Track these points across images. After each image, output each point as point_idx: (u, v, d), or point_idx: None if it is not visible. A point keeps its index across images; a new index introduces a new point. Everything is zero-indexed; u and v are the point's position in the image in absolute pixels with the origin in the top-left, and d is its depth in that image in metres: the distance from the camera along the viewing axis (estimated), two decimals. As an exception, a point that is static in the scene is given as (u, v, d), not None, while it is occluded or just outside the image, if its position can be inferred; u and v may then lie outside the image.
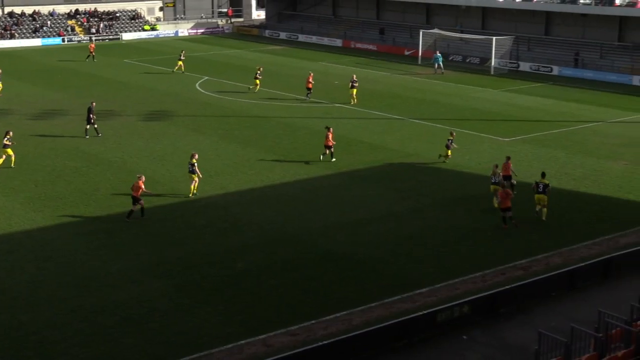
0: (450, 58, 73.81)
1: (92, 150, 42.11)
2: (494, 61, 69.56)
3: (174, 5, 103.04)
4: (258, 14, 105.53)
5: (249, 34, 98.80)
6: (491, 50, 69.33)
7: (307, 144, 43.12)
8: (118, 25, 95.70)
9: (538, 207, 31.71)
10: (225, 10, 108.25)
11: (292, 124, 48.08)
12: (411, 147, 42.72)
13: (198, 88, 60.64)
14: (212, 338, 21.89)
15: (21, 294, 24.81)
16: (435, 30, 75.29)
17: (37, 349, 21.43)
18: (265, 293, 24.86)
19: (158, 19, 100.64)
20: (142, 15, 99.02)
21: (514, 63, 70.44)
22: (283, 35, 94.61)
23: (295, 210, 32.70)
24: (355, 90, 54.31)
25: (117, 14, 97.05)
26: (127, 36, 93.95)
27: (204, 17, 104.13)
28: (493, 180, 33.31)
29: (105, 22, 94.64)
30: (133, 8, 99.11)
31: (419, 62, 72.93)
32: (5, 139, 38.89)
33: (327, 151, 39.99)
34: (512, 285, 24.23)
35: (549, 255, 27.83)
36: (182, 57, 67.95)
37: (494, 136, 44.96)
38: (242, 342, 21.65)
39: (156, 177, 37.01)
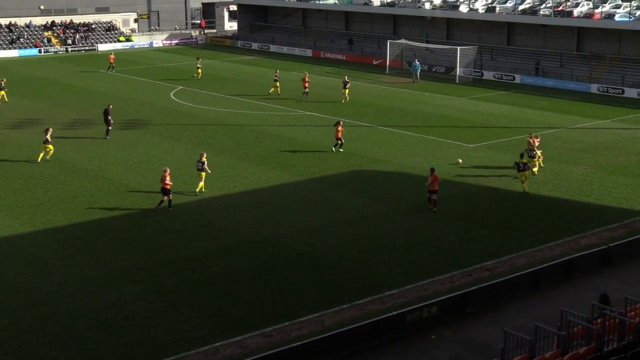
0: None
1: (69, 158, 41.76)
2: (459, 70, 70.00)
3: (148, 17, 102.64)
4: (230, 25, 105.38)
5: (221, 44, 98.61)
6: (456, 59, 69.79)
7: (279, 151, 43.07)
8: (94, 37, 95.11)
9: (522, 181, 35.56)
10: (199, 21, 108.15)
11: (265, 132, 48.02)
12: (380, 154, 42.82)
13: (173, 97, 60.39)
14: (188, 340, 21.76)
15: (0, 299, 24.49)
16: (402, 41, 75.66)
17: (17, 353, 21.17)
18: (240, 295, 24.77)
19: (133, 31, 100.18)
20: (118, 27, 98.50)
21: (478, 72, 70.91)
22: (255, 45, 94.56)
23: (268, 215, 32.64)
24: (347, 90, 57.56)
25: (93, 26, 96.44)
26: (102, 47, 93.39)
27: (177, 28, 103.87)
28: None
29: (81, 34, 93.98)
30: (108, 20, 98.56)
31: (387, 71, 73.20)
32: (47, 135, 41.04)
33: (338, 142, 42.58)
34: (479, 286, 24.35)
35: (514, 256, 28.01)
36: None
37: (459, 142, 45.20)
38: (218, 344, 21.55)
39: (131, 184, 36.79)
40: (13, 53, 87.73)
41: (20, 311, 23.68)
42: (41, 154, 41.16)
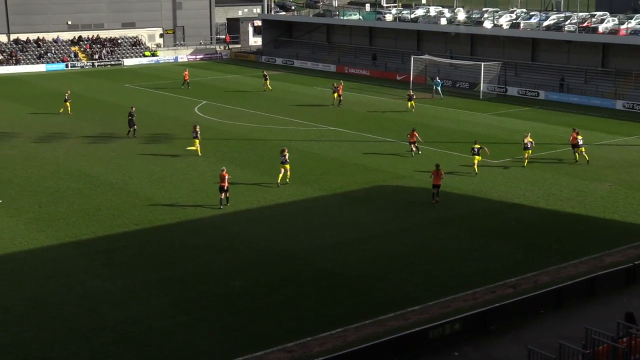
0: (442, 82, 73.94)
1: (94, 172, 42.02)
2: (483, 86, 69.75)
3: (174, 32, 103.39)
4: (255, 41, 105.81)
5: (246, 59, 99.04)
6: (480, 75, 69.55)
7: (303, 166, 43.07)
8: (120, 52, 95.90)
9: (474, 166, 41.20)
10: (223, 37, 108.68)
11: (289, 147, 47.82)
12: (403, 169, 42.71)
13: (197, 112, 60.65)
14: (209, 355, 21.73)
15: (24, 312, 24.63)
16: (426, 56, 75.56)
17: (38, 365, 21.27)
18: (261, 310, 24.72)
19: (158, 45, 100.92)
20: (143, 42, 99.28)
21: (502, 88, 70.61)
22: (279, 60, 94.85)
23: (291, 230, 32.60)
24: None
25: (119, 41, 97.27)
26: (128, 62, 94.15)
27: (202, 43, 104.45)
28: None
29: (108, 49, 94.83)
30: (134, 35, 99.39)
31: (411, 86, 73.06)
32: (195, 132, 45.51)
33: (414, 147, 45.32)
34: (502, 303, 24.13)
35: (537, 273, 27.76)
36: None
37: (483, 158, 44.93)
38: (240, 358, 21.49)
39: (155, 198, 36.93)
40: (40, 68, 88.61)
41: (44, 324, 23.79)
42: (192, 147, 45.52)
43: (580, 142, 44.09)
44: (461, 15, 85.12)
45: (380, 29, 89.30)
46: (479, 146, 42.05)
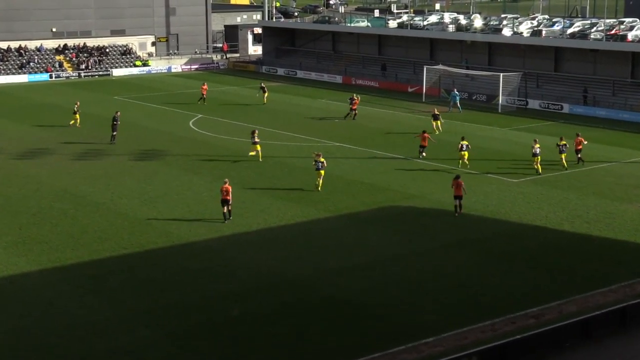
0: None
1: (80, 191, 42.10)
2: (502, 98, 69.83)
3: (167, 40, 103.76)
4: (255, 49, 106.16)
5: (245, 69, 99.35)
6: (498, 87, 69.64)
7: (307, 185, 43.10)
8: (108, 61, 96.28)
9: (460, 162, 46.12)
10: (221, 45, 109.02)
11: (291, 164, 48.15)
12: (414, 188, 42.73)
13: (192, 126, 60.83)
14: (205, 390, 21.67)
15: (4, 343, 24.60)
16: (440, 67, 75.68)
17: (19, 401, 21.21)
18: (261, 341, 24.68)
19: (150, 55, 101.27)
20: (134, 51, 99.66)
21: (523, 100, 70.71)
22: (281, 71, 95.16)
23: (293, 254, 32.60)
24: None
25: (108, 49, 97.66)
26: (117, 72, 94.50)
27: (198, 52, 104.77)
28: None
29: (95, 58, 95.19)
30: (124, 43, 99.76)
31: (423, 99, 73.22)
32: (254, 137, 48.52)
33: (423, 150, 48.65)
34: (524, 335, 24.04)
35: (562, 302, 27.68)
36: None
37: (502, 177, 44.99)
38: (237, 394, 21.44)
39: (147, 220, 36.97)
40: (22, 78, 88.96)
41: (26, 357, 23.74)
42: (253, 152, 48.28)
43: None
44: (478, 22, 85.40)
45: (390, 36, 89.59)
46: (466, 142, 46.52)
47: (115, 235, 34.85)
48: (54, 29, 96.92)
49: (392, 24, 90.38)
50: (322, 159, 42.07)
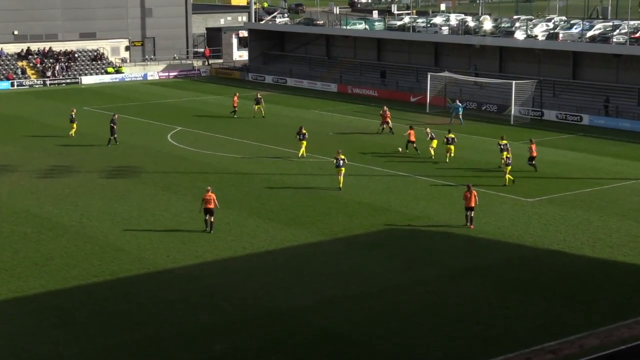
0: (463, 105, 74.17)
1: (44, 212, 42.04)
2: (514, 109, 70.04)
3: (142, 45, 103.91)
4: (240, 55, 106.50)
5: (229, 77, 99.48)
6: (510, 96, 69.84)
7: (298, 205, 43.12)
8: (77, 67, 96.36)
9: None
10: (202, 50, 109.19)
11: (281, 182, 48.18)
12: (418, 209, 42.77)
13: (170, 140, 60.86)
14: None
15: (-42, 383, 24.52)
16: (446, 74, 75.89)
17: None
18: (248, 381, 24.62)
19: (124, 60, 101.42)
20: (105, 56, 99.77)
21: (537, 111, 70.93)
22: (269, 78, 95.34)
23: (283, 283, 32.56)
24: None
25: (76, 55, 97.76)
26: (87, 80, 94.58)
27: (177, 57, 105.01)
28: None
29: (62, 64, 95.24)
30: (95, 47, 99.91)
31: (427, 109, 73.39)
32: (302, 134, 53.46)
33: (409, 146, 54.15)
34: (540, 372, 24.06)
35: (583, 335, 27.68)
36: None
37: (515, 196, 45.07)
38: None
39: (119, 244, 36.93)
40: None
41: (-18, 397, 23.67)
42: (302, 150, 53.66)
43: (509, 162, 47.81)
44: (488, 24, 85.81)
45: (391, 40, 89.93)
46: (452, 136, 52.38)
47: (84, 261, 34.78)
48: (15, 32, 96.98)
49: (393, 26, 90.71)
50: (342, 156, 45.81)
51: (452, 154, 52.67)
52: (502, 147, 50.42)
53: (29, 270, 33.82)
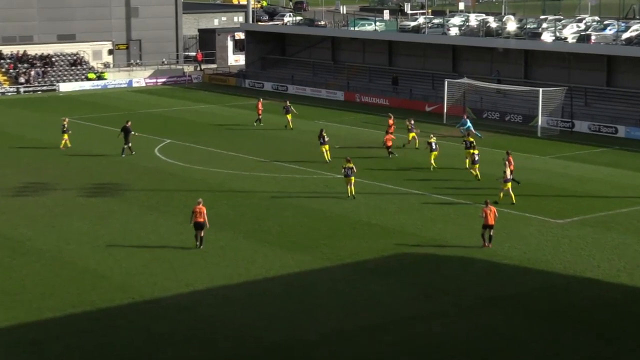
0: (485, 115, 74.26)
1: (17, 235, 42.01)
2: (541, 119, 70.03)
3: (127, 48, 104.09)
4: (236, 59, 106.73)
5: (223, 84, 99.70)
6: (537, 105, 69.85)
7: (300, 227, 43.04)
8: (54, 73, 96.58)
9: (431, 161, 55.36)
10: (194, 53, 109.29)
11: (281, 202, 48.13)
12: (434, 231, 42.69)
13: (158, 154, 60.87)
14: None
15: None
16: (465, 80, 75.82)
17: None
18: None
19: (107, 65, 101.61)
20: (86, 60, 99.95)
21: (568, 122, 70.90)
22: (268, 85, 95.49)
23: (283, 314, 32.48)
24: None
25: (54, 59, 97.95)
26: (65, 87, 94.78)
27: (165, 62, 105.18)
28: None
29: (38, 69, 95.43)
30: (74, 51, 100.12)
31: (444, 120, 73.32)
32: (322, 138, 57.16)
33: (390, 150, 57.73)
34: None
35: (621, 374, 27.59)
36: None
37: (543, 217, 44.98)
38: None
39: (101, 271, 36.87)
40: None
41: None
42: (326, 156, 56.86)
43: (477, 158, 52.38)
44: (512, 24, 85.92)
45: (404, 43, 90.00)
46: (434, 139, 55.85)
47: (61, 290, 34.71)
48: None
49: (405, 27, 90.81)
50: (351, 164, 47.74)
51: (434, 164, 55.44)
52: (467, 144, 55.55)
53: (-1, 299, 33.82)
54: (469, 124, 65.66)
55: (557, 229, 43.04)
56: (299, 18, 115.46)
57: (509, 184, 47.33)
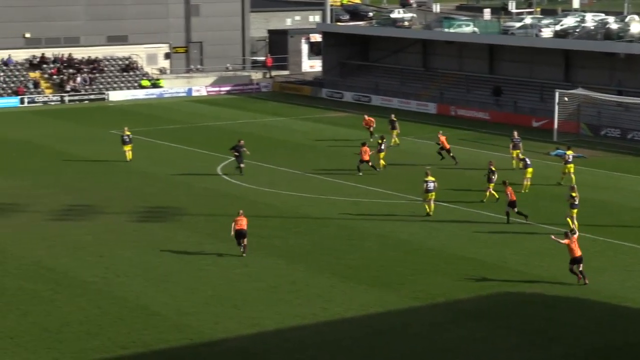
0: (603, 132, 73.61)
1: (59, 265, 42.49)
2: (671, 138, 69.36)
3: (186, 52, 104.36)
4: (311, 65, 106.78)
5: (297, 93, 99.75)
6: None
7: (383, 260, 43.05)
8: (103, 80, 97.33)
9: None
10: (263, 58, 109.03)
11: (362, 229, 48.14)
12: (541, 267, 42.39)
13: (221, 174, 61.21)
14: None
15: None
16: (579, 91, 75.27)
17: None
18: None
19: (163, 71, 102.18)
20: (140, 66, 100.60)
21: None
22: (348, 96, 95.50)
23: (364, 362, 32.56)
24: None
25: (102, 63, 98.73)
26: (115, 95, 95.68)
27: (230, 68, 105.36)
28: None
29: (86, 75, 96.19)
30: (126, 54, 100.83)
31: (555, 137, 72.76)
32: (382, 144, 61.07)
33: (368, 165, 58.98)
34: None
35: None
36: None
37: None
38: None
39: (154, 307, 37.13)
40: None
41: None
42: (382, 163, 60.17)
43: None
44: (636, 26, 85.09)
45: (507, 47, 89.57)
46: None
47: (109, 329, 35.04)
48: (27, 34, 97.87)
49: (510, 29, 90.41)
50: (432, 178, 50.10)
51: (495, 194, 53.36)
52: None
53: (38, 338, 34.17)
54: (559, 151, 64.43)
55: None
56: (409, 15, 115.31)
57: (575, 210, 47.88)
